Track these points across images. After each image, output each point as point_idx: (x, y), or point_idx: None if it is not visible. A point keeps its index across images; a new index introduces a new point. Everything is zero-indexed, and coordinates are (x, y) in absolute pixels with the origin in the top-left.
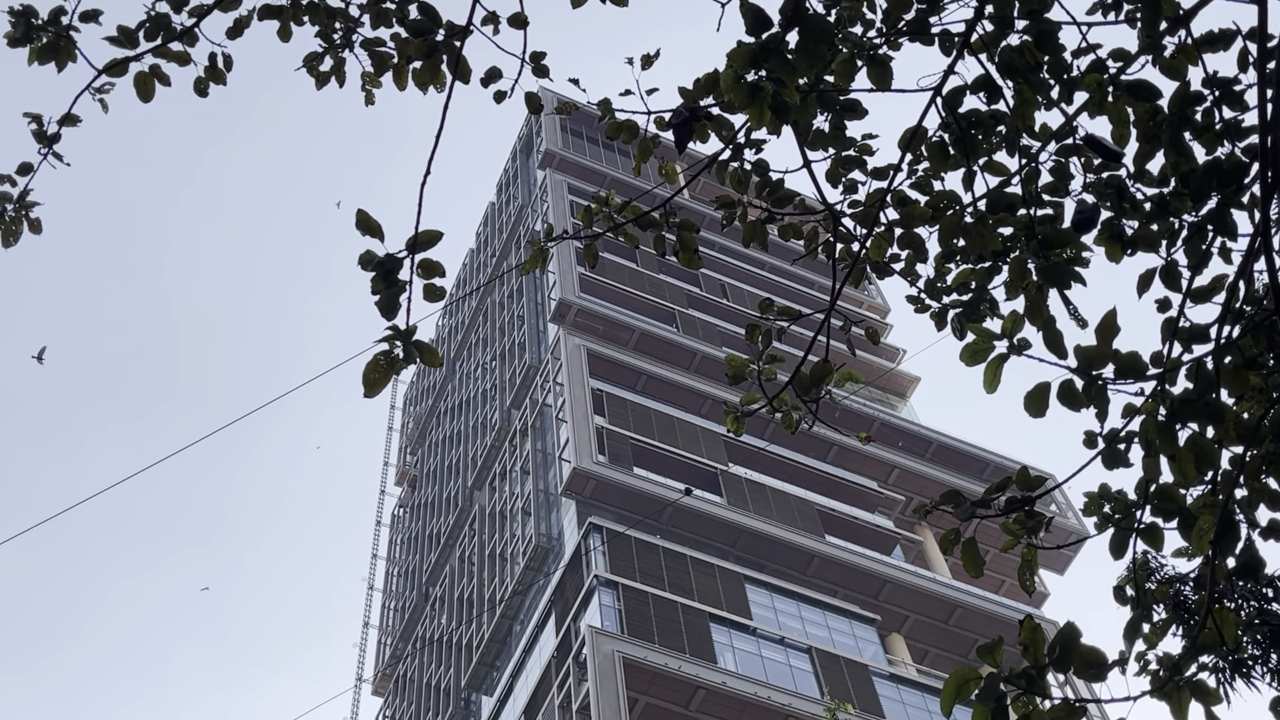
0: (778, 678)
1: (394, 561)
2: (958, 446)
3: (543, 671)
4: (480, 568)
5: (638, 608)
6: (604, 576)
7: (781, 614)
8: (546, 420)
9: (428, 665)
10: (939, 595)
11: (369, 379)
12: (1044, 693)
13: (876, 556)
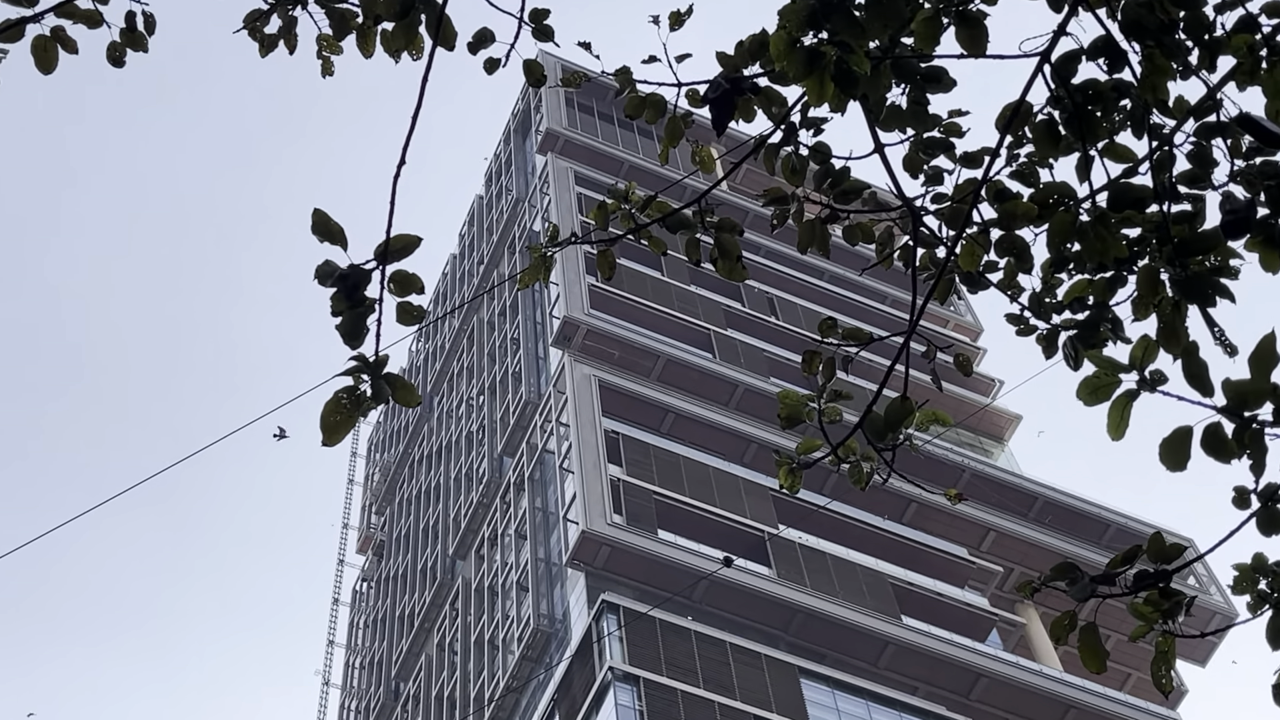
0: None
1: (355, 650)
2: (1070, 504)
3: None
4: (464, 658)
5: (664, 708)
6: (621, 669)
7: (847, 716)
8: (548, 471)
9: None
10: (1047, 693)
11: (329, 423)
12: None
13: (967, 644)
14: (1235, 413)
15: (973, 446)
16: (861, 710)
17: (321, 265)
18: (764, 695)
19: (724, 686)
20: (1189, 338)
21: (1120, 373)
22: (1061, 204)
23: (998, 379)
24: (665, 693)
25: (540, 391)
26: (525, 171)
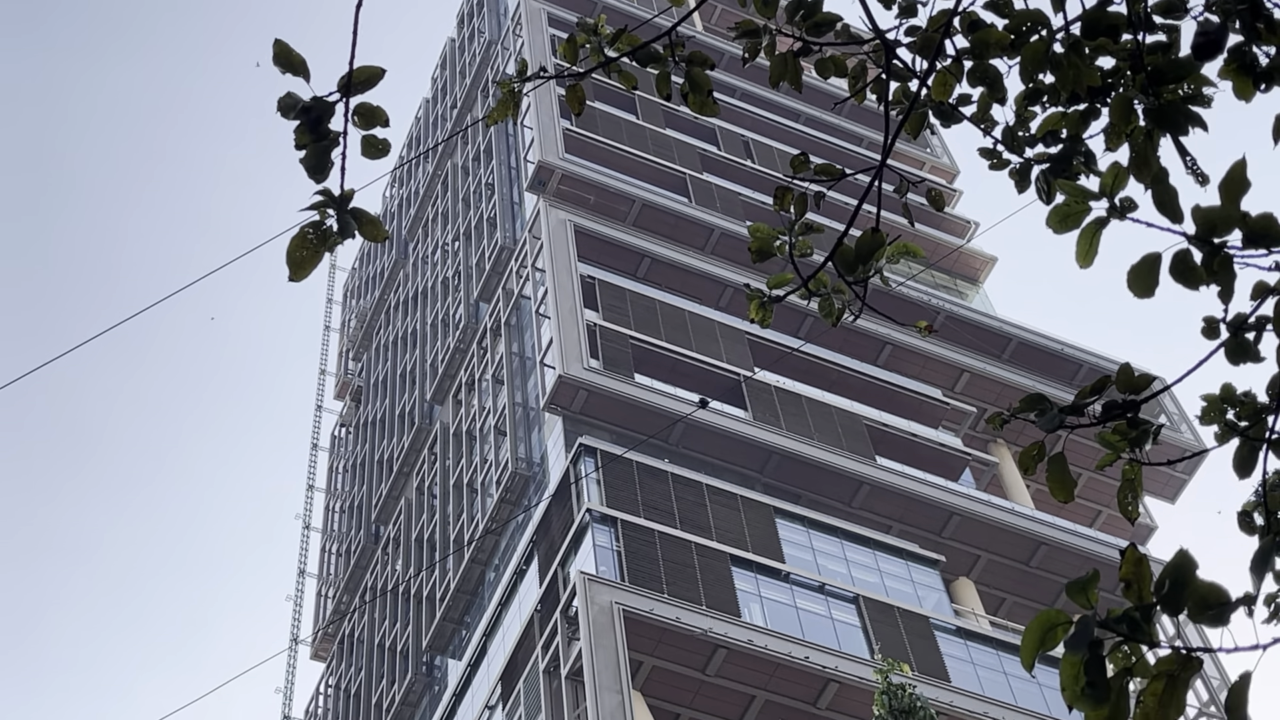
0: (817, 634)
1: (335, 494)
2: (1043, 344)
3: (523, 629)
4: (444, 501)
5: (641, 549)
6: (599, 511)
7: (822, 555)
8: (524, 316)
9: (380, 622)
10: (1018, 530)
11: (295, 257)
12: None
13: (941, 483)
14: (1204, 240)
15: (947, 288)
16: (836, 549)
17: (284, 98)
18: (740, 535)
19: (700, 527)
20: (1160, 167)
21: (1090, 200)
22: (1035, 32)
23: (973, 220)
24: (642, 533)
25: (515, 237)
26: (498, 13)
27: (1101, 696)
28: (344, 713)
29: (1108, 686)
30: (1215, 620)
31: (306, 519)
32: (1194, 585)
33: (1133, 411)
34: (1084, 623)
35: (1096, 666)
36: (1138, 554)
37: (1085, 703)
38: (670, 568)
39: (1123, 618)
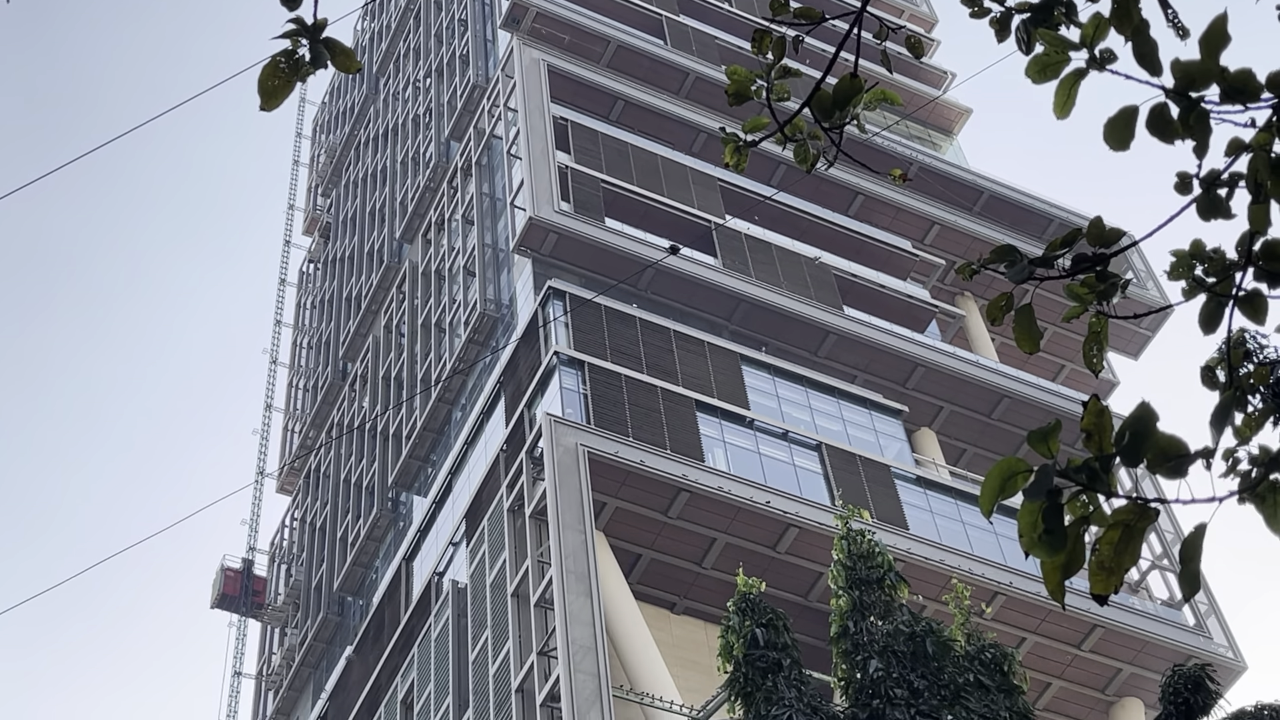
0: (779, 480)
1: (302, 330)
2: (1015, 198)
3: (489, 468)
4: (411, 340)
5: (607, 392)
6: (566, 354)
7: (786, 403)
8: (495, 156)
9: (346, 458)
10: (982, 382)
11: (266, 86)
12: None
13: (907, 334)
14: (1182, 94)
15: (921, 139)
16: (800, 397)
17: None
18: (706, 381)
19: (667, 372)
20: (1141, 18)
21: (1070, 50)
22: None
23: (949, 71)
24: (609, 377)
25: (488, 75)
26: None
27: (1058, 544)
28: (309, 546)
29: (1064, 534)
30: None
31: (274, 354)
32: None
33: (1102, 264)
34: (1044, 471)
35: (1054, 514)
36: (1100, 405)
37: (1041, 549)
38: (636, 411)
39: (1082, 467)
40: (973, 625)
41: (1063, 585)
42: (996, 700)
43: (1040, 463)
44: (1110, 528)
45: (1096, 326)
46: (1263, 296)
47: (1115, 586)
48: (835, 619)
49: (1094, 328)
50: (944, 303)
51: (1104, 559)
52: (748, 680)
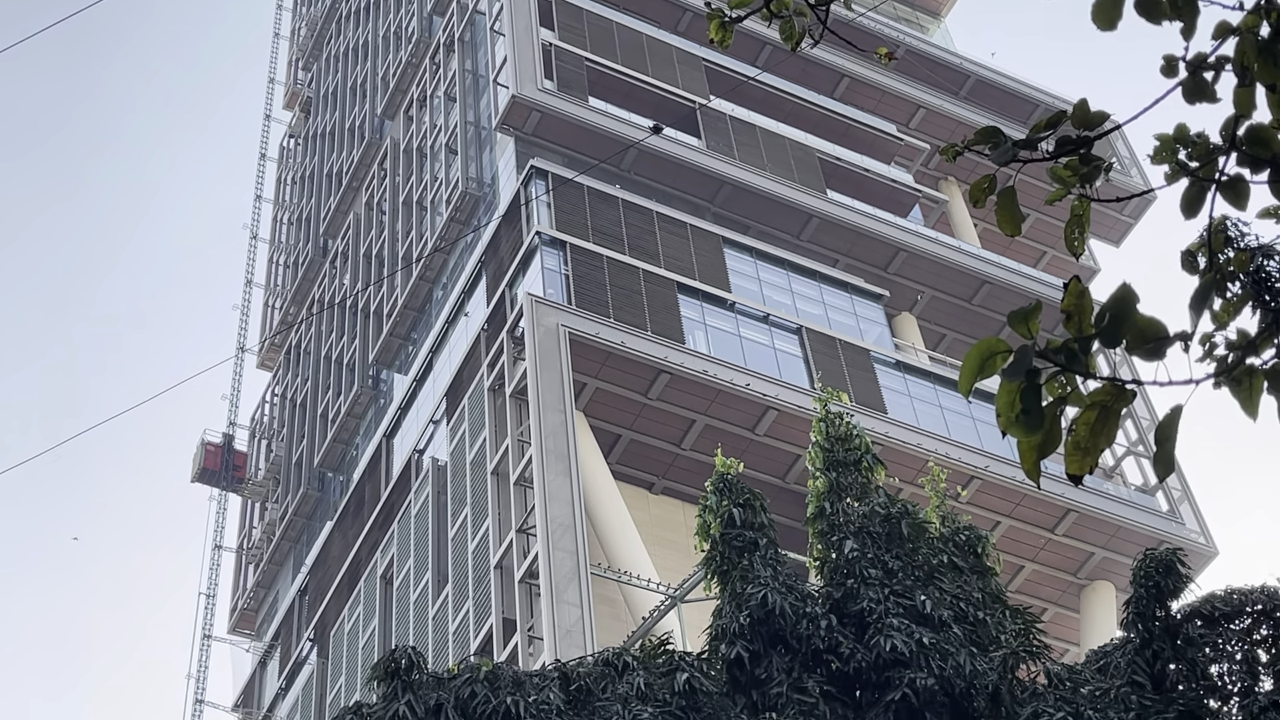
0: (759, 363)
1: (283, 206)
2: (1001, 82)
3: (470, 347)
4: (393, 218)
5: (589, 273)
6: (548, 234)
7: (768, 286)
8: (478, 32)
9: (327, 335)
10: (963, 267)
11: None
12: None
13: (889, 219)
14: None
15: (908, 21)
16: (782, 280)
17: None
18: (688, 263)
19: (649, 254)
20: None
21: None
22: None
23: None
24: (591, 258)
25: None
26: None
27: (1035, 424)
28: (290, 421)
29: (1041, 414)
30: (1151, 354)
31: (254, 229)
32: (1134, 318)
33: (1085, 147)
34: (1023, 351)
35: (1032, 395)
36: (1080, 286)
37: (1018, 429)
38: (617, 293)
39: (1061, 348)
40: (948, 508)
41: (1038, 465)
42: (969, 581)
43: (1020, 344)
44: (1087, 409)
45: (1078, 210)
46: (1245, 182)
47: (1090, 467)
48: (812, 500)
49: (1076, 211)
50: (927, 187)
51: (1080, 440)
52: (724, 559)
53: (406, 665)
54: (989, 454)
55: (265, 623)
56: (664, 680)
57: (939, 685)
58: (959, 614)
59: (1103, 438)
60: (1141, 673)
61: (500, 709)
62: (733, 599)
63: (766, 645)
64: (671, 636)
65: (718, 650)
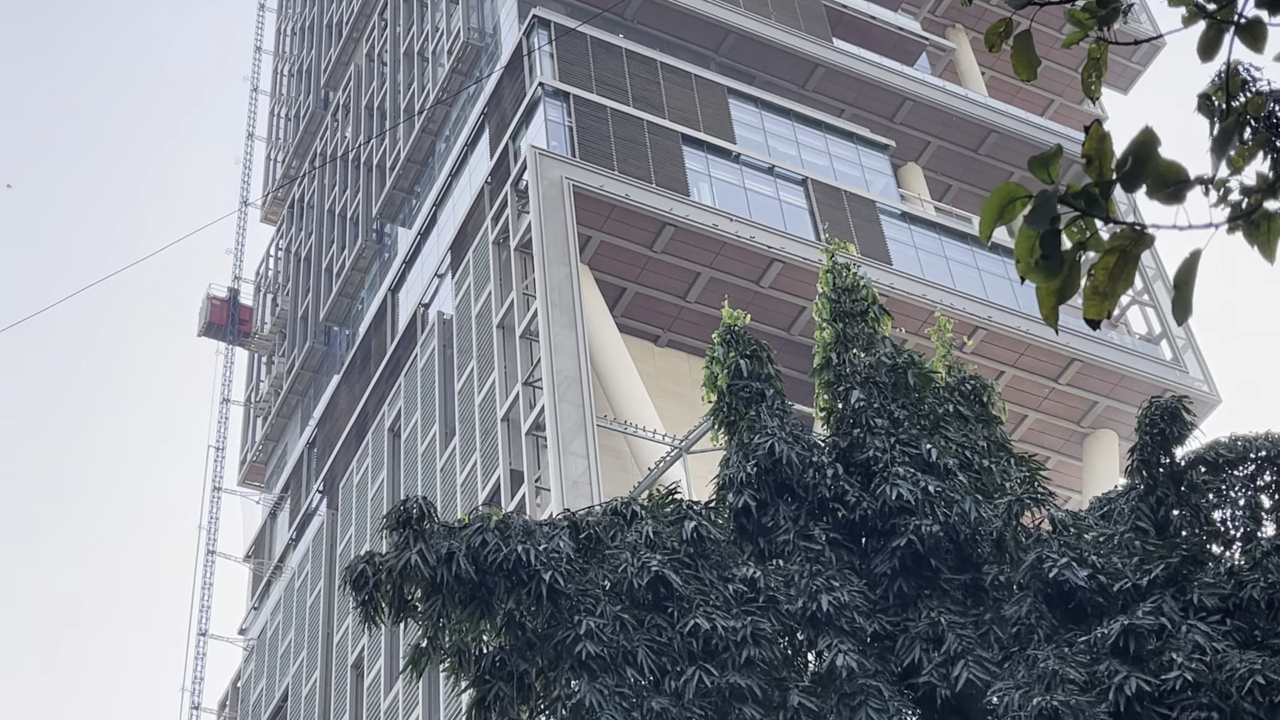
0: (764, 214)
1: (282, 57)
2: None
3: (473, 200)
4: (394, 69)
5: (593, 125)
6: (551, 85)
7: (773, 137)
8: None
9: (330, 188)
10: (970, 116)
11: None
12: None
13: (895, 67)
14: None
15: None
16: (787, 131)
17: None
18: (692, 114)
19: (653, 105)
20: None
21: None
22: None
23: None
24: (594, 109)
25: None
26: None
27: (1055, 269)
28: (294, 275)
29: (1061, 259)
30: (1172, 198)
31: (254, 82)
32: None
33: None
34: (1044, 196)
35: (1052, 239)
36: (1102, 130)
37: (1038, 274)
38: (621, 144)
39: (1081, 192)
40: (953, 358)
41: (1057, 311)
42: (975, 430)
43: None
44: (1106, 253)
45: (1095, 53)
46: (1263, 24)
47: (1109, 311)
48: (818, 351)
49: (1093, 54)
50: (934, 35)
51: (1099, 284)
52: (731, 410)
53: (417, 514)
54: (993, 304)
55: (274, 475)
56: (672, 529)
57: (944, 532)
58: (964, 462)
59: (1121, 282)
60: (1145, 518)
61: (511, 557)
62: (740, 449)
63: (773, 494)
64: (678, 487)
65: (725, 499)
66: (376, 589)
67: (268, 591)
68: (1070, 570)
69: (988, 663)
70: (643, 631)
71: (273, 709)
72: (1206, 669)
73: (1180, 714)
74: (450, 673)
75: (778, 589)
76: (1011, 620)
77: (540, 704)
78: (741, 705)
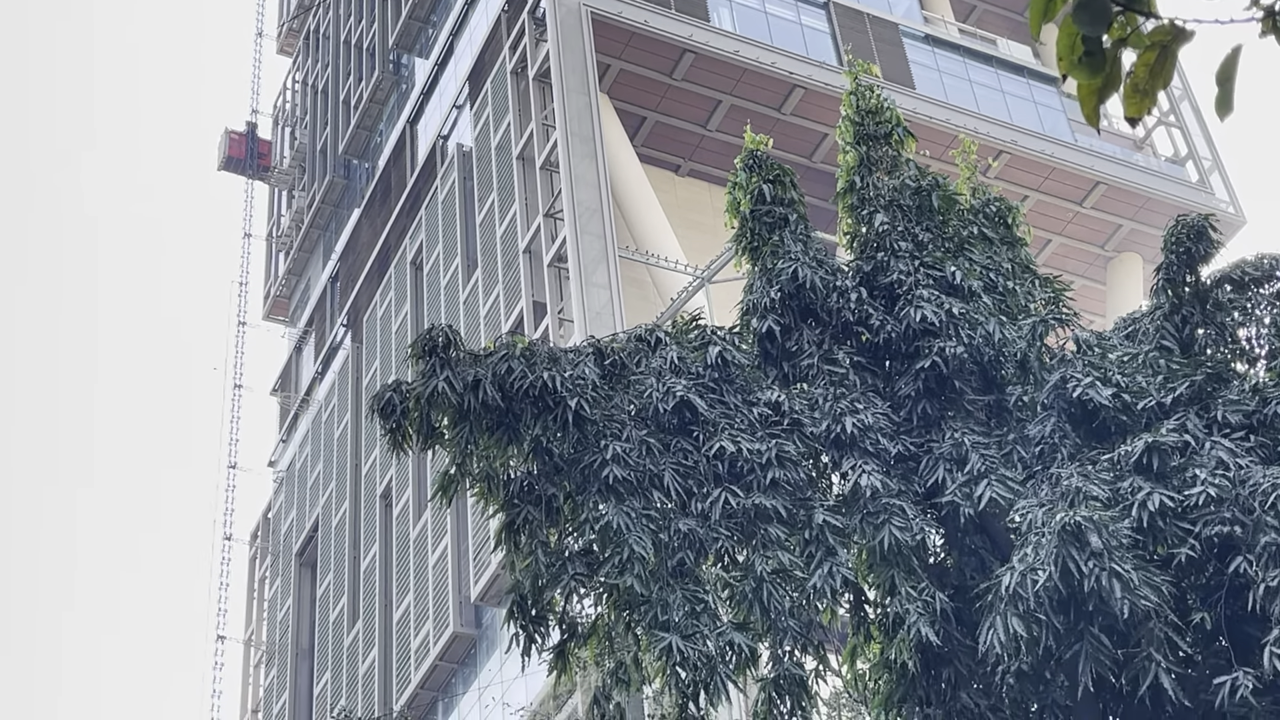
0: (786, 39)
1: None
2: None
3: (490, 29)
4: None
5: None
6: None
7: None
8: None
9: (345, 18)
10: None
11: None
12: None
13: None
14: None
15: None
16: None
17: None
18: None
19: None
20: None
21: None
22: None
23: None
24: None
25: None
26: None
27: (1098, 65)
28: (312, 108)
29: (1104, 56)
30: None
31: None
32: None
33: None
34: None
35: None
36: None
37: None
38: None
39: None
40: (977, 181)
41: (1098, 110)
42: (999, 252)
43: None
44: (1147, 49)
45: None
46: None
47: (1149, 108)
48: (842, 175)
49: None
50: None
51: (1139, 81)
52: (754, 235)
53: (443, 342)
54: (1017, 128)
55: (298, 310)
56: (696, 354)
57: (968, 354)
58: (988, 284)
59: (1160, 79)
60: (1170, 337)
61: (537, 384)
62: (763, 274)
63: (797, 319)
64: (702, 313)
65: (749, 325)
66: (404, 416)
67: (295, 425)
68: (1094, 389)
69: (1011, 482)
70: (668, 455)
71: (303, 539)
72: (1229, 484)
73: (1202, 528)
74: (479, 498)
75: (802, 412)
76: (1035, 440)
77: (568, 527)
78: (767, 525)
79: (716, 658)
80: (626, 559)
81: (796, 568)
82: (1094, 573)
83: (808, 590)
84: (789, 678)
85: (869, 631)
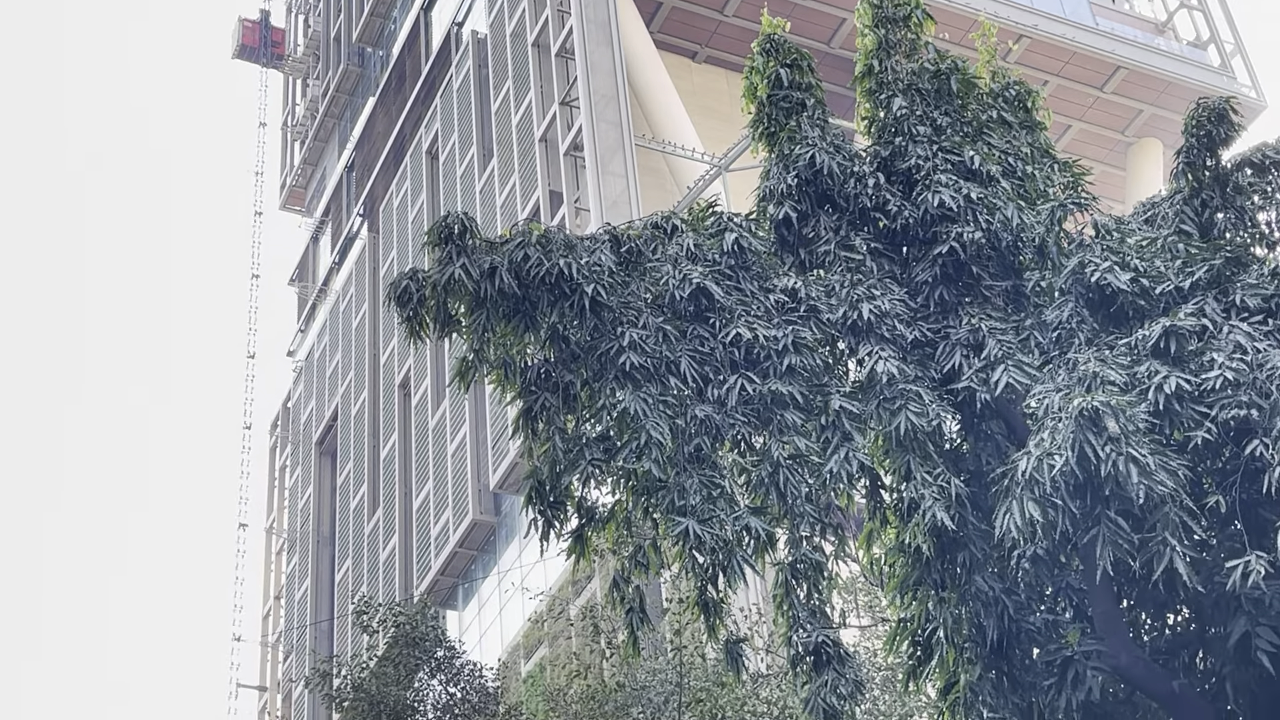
0: None
1: None
2: None
3: None
4: None
5: None
6: None
7: None
8: None
9: None
10: None
11: None
12: None
13: None
14: None
15: None
16: None
17: None
18: None
19: None
20: None
21: None
22: None
23: None
24: None
25: None
26: None
27: None
28: None
29: None
30: None
31: None
32: None
33: None
34: None
35: None
36: None
37: None
38: None
39: None
40: (997, 65)
41: None
42: (1018, 136)
43: None
44: None
45: None
46: None
47: None
48: (860, 59)
49: None
50: None
51: None
52: (771, 121)
53: (459, 230)
54: (1038, 11)
55: (315, 200)
56: (713, 241)
57: (986, 238)
58: (1007, 169)
59: None
60: (1189, 222)
61: (553, 271)
62: (780, 160)
63: (814, 205)
64: (719, 201)
65: (765, 211)
66: (421, 304)
67: (313, 314)
68: (1112, 274)
69: (1028, 367)
70: (685, 342)
71: (323, 428)
72: (1247, 368)
73: (1219, 412)
74: (496, 384)
75: (818, 298)
76: (1052, 325)
77: (586, 414)
78: (783, 411)
79: (733, 542)
80: (644, 444)
81: (813, 453)
82: (1110, 457)
83: (824, 475)
84: (806, 562)
85: (885, 516)
